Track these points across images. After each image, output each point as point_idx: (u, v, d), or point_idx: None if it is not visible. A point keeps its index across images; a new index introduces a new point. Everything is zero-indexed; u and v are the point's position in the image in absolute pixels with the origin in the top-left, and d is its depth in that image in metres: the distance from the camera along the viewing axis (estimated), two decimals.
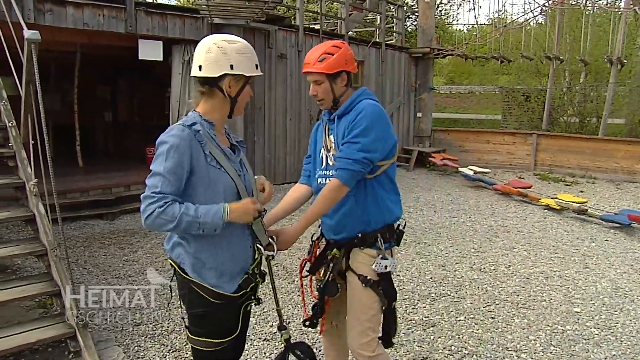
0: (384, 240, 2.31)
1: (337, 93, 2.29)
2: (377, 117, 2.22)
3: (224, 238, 1.92)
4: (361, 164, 2.17)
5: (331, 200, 2.21)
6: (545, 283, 4.99)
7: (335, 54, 2.25)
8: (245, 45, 1.97)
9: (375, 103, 2.29)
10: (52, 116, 11.40)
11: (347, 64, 2.28)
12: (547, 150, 12.47)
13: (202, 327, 1.96)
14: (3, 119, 4.18)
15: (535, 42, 16.59)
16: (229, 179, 1.92)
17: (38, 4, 6.51)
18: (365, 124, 2.18)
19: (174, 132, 1.83)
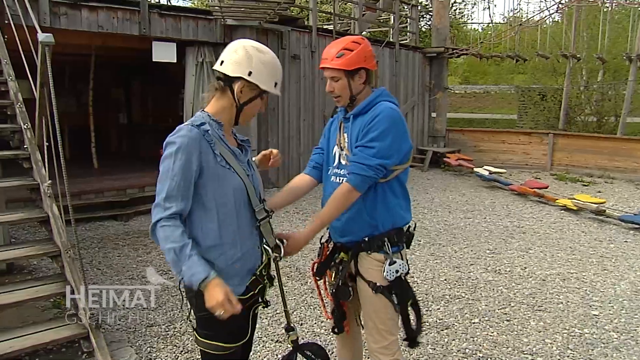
0: (392, 244, 2.25)
1: (354, 91, 2.23)
2: (395, 122, 2.16)
3: (235, 238, 1.90)
4: (375, 170, 2.12)
5: (342, 205, 2.17)
6: (562, 285, 4.90)
7: (355, 50, 2.17)
8: (273, 60, 1.95)
9: (394, 107, 2.22)
10: (68, 118, 11.57)
11: (366, 60, 2.20)
12: (564, 150, 12.28)
13: (211, 330, 1.93)
14: (19, 121, 4.22)
15: (552, 40, 16.37)
16: (238, 179, 1.91)
17: (54, 8, 6.59)
18: (382, 128, 2.12)
19: (183, 133, 1.82)
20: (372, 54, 2.25)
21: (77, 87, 11.64)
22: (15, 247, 3.87)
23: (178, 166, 1.78)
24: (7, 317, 3.93)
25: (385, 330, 2.29)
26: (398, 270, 2.22)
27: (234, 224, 1.90)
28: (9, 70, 4.56)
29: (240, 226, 1.92)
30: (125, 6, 7.30)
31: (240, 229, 1.91)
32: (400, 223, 2.29)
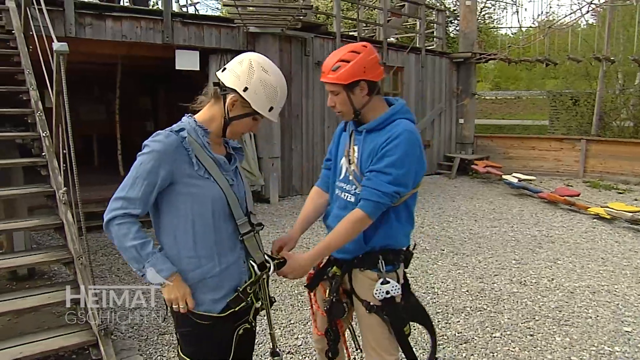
0: (386, 262, 2.12)
1: (357, 104, 2.06)
2: (413, 147, 2.02)
3: (212, 252, 1.82)
4: (390, 197, 1.99)
5: (352, 232, 2.03)
6: (591, 298, 4.66)
7: (352, 60, 1.99)
8: (276, 83, 1.83)
9: (412, 129, 2.06)
10: (96, 127, 11.89)
11: (366, 72, 2.01)
12: (598, 156, 11.84)
13: (191, 346, 1.86)
14: (38, 129, 4.28)
15: (584, 43, 15.88)
16: (218, 190, 1.81)
17: (79, 18, 6.74)
18: (399, 154, 1.98)
19: (159, 138, 1.76)
20: (374, 62, 2.05)
21: (105, 96, 11.89)
22: (31, 253, 3.92)
23: (145, 170, 1.72)
24: (24, 322, 4.00)
25: (383, 350, 2.18)
26: (389, 292, 2.09)
27: (211, 236, 1.81)
28: (31, 79, 4.65)
29: (220, 240, 1.82)
30: (149, 15, 7.43)
31: (220, 242, 1.82)
32: (397, 246, 2.17)
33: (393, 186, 1.97)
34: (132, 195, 1.72)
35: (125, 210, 1.71)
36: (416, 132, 2.07)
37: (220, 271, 1.83)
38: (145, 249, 1.72)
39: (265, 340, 3.70)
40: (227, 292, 1.85)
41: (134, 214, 1.72)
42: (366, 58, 2.02)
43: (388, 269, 2.13)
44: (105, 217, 1.73)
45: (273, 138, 8.85)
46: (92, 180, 9.11)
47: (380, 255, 2.12)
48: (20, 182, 4.66)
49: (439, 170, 12.81)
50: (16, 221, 3.98)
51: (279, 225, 7.30)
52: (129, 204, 1.71)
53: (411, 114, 2.15)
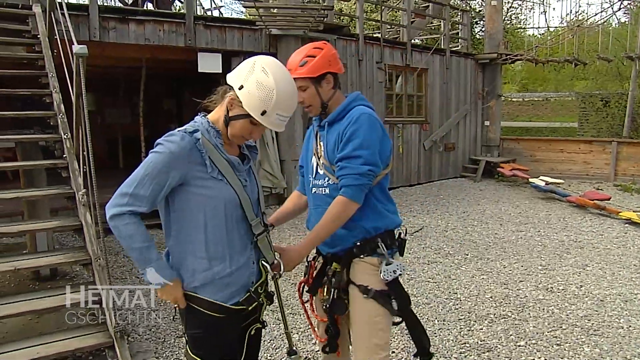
0: (386, 246, 2.14)
1: (324, 97, 2.16)
2: (374, 126, 2.09)
3: (224, 254, 1.79)
4: (367, 176, 2.04)
5: (340, 218, 2.06)
6: (622, 307, 4.46)
7: (317, 55, 2.11)
8: (275, 86, 1.72)
9: (370, 112, 2.13)
10: (121, 129, 12.09)
11: (331, 65, 2.14)
12: (630, 159, 11.45)
13: (201, 349, 1.83)
14: (60, 131, 4.33)
15: (616, 42, 15.43)
16: (231, 192, 1.78)
17: (103, 22, 6.83)
18: (362, 136, 2.05)
19: (173, 139, 1.73)
20: (336, 57, 2.18)
21: (130, 99, 12.08)
22: (51, 254, 3.96)
23: (156, 169, 1.69)
24: (45, 323, 4.03)
25: (377, 345, 2.12)
26: (396, 271, 2.10)
27: (223, 239, 1.78)
28: (54, 82, 4.72)
29: (232, 241, 1.79)
30: (171, 19, 7.50)
31: (232, 244, 1.80)
32: (391, 225, 2.20)
33: (367, 166, 2.03)
34: (140, 192, 1.69)
35: (131, 207, 1.68)
36: (374, 114, 2.14)
37: (230, 272, 1.80)
38: (151, 254, 1.71)
39: (283, 344, 3.65)
40: (235, 291, 1.83)
41: (140, 211, 1.70)
42: (329, 53, 2.14)
43: (389, 253, 2.15)
44: (109, 210, 1.70)
45: (295, 140, 8.80)
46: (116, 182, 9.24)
47: (378, 238, 2.13)
48: (44, 183, 4.72)
49: (463, 173, 12.60)
50: (37, 222, 4.03)
51: (300, 228, 7.24)
52: (135, 200, 1.68)
53: (367, 101, 2.23)
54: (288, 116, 1.81)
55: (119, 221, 1.68)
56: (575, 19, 20.89)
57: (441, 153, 12.10)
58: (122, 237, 1.70)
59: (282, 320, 2.06)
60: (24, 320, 3.98)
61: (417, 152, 11.45)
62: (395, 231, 2.22)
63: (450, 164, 12.47)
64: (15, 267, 3.42)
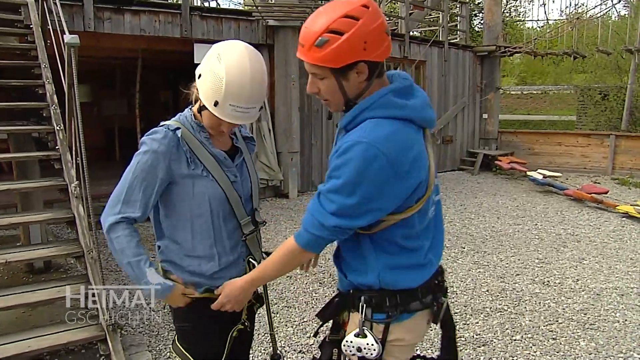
0: (375, 308, 1.52)
1: (350, 93, 1.44)
2: (369, 164, 1.35)
3: (212, 252, 1.75)
4: (331, 231, 1.44)
5: (286, 265, 1.58)
6: (619, 301, 4.45)
7: (347, 32, 1.33)
8: (224, 74, 1.55)
9: (377, 135, 1.37)
10: (118, 120, 12.02)
11: (367, 48, 1.35)
12: (628, 153, 11.43)
13: (186, 343, 1.82)
14: (52, 122, 4.28)
15: (615, 35, 15.36)
16: (217, 188, 1.72)
17: (98, 13, 6.75)
18: (346, 177, 1.37)
19: (156, 137, 1.67)
20: (379, 33, 1.37)
21: (127, 90, 12.00)
22: (44, 246, 3.92)
23: (144, 171, 1.64)
24: (38, 315, 3.99)
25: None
26: (361, 350, 1.50)
27: (210, 237, 1.73)
28: (47, 73, 4.65)
29: (220, 239, 1.75)
30: (167, 9, 7.43)
31: (220, 242, 1.75)
32: (390, 286, 1.52)
33: (335, 218, 1.41)
34: (132, 198, 1.63)
35: (124, 214, 1.62)
36: (388, 140, 1.37)
37: (219, 270, 1.76)
38: (140, 267, 1.62)
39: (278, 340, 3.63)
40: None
41: (133, 217, 1.64)
42: (368, 27, 1.34)
43: (377, 318, 1.52)
44: (105, 222, 1.64)
45: (292, 132, 8.76)
46: (112, 174, 9.20)
47: (365, 295, 1.52)
48: (37, 175, 4.67)
49: (461, 166, 12.58)
50: (29, 214, 3.99)
51: (297, 220, 7.21)
52: (128, 207, 1.63)
53: (397, 107, 1.43)
54: (247, 108, 1.61)
55: (113, 233, 1.62)
56: (574, 12, 20.83)
57: (439, 146, 12.06)
58: (113, 250, 1.65)
59: (268, 321, 1.98)
60: (17, 313, 3.94)
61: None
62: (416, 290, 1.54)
63: (448, 156, 12.44)
64: (6, 260, 3.38)
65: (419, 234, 1.53)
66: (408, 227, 1.49)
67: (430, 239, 1.58)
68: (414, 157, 1.41)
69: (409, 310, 1.53)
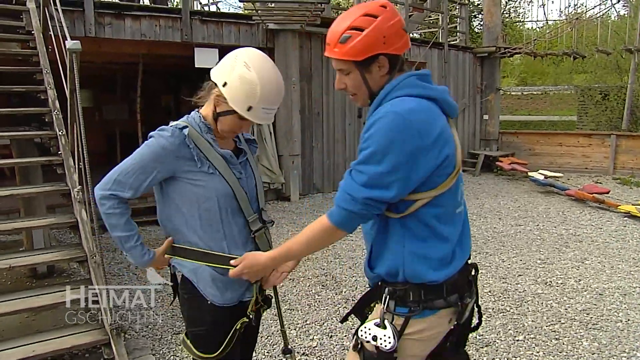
0: (398, 301, 1.54)
1: (374, 86, 1.57)
2: (398, 132, 1.42)
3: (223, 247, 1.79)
4: (363, 204, 1.46)
5: (316, 243, 1.60)
6: (621, 301, 4.45)
7: (367, 28, 1.48)
8: (258, 81, 1.66)
9: (404, 107, 1.46)
10: (119, 125, 12.04)
11: (386, 42, 1.50)
12: (629, 152, 11.43)
13: (199, 345, 1.85)
14: (55, 128, 4.30)
15: (615, 35, 15.38)
16: (225, 185, 1.77)
17: (99, 18, 6.79)
18: (376, 145, 1.43)
19: (164, 134, 1.75)
20: (397, 29, 1.52)
21: (128, 95, 12.03)
22: (47, 251, 3.94)
23: (144, 160, 1.73)
24: (42, 320, 4.00)
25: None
26: (376, 339, 1.52)
27: (220, 232, 1.78)
28: (49, 79, 4.68)
29: (230, 235, 1.79)
30: (168, 14, 7.46)
31: (230, 237, 1.79)
32: (414, 278, 1.52)
33: (366, 189, 1.44)
34: (124, 179, 1.73)
35: (114, 192, 1.73)
36: (415, 112, 1.46)
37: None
38: (129, 242, 1.78)
39: (279, 340, 3.64)
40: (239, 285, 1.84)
41: (123, 197, 1.74)
42: (386, 23, 1.50)
43: (400, 311, 1.53)
44: (96, 192, 1.76)
45: (293, 135, 8.78)
46: None
47: (389, 288, 1.55)
48: (39, 180, 4.69)
49: (462, 168, 12.54)
50: (33, 219, 4.01)
51: (299, 223, 7.22)
52: (118, 186, 1.73)
53: (422, 86, 1.55)
54: (274, 108, 1.77)
55: (103, 207, 1.75)
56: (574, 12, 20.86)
57: None
58: (106, 223, 1.77)
59: (279, 317, 2.04)
60: (20, 318, 3.95)
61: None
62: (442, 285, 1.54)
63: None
64: (10, 265, 3.39)
65: (452, 217, 1.56)
66: (441, 206, 1.53)
67: (460, 229, 1.61)
68: (440, 129, 1.50)
69: (432, 307, 1.54)
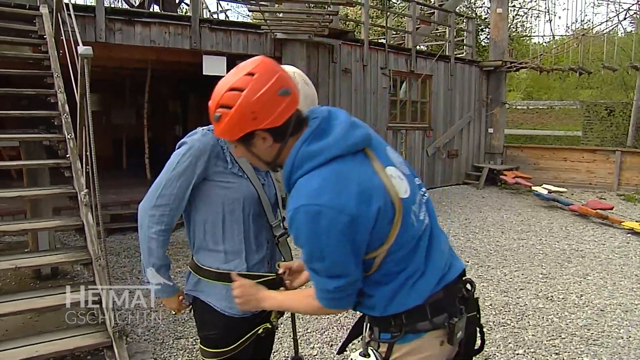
0: (381, 328, 1.51)
1: (266, 156, 1.44)
2: (318, 226, 1.31)
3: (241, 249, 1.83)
4: (340, 292, 1.41)
5: (308, 310, 1.65)
6: (623, 317, 4.44)
7: (234, 106, 1.32)
8: (314, 95, 1.77)
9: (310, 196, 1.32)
10: (126, 130, 12.14)
11: (257, 119, 1.33)
12: (634, 169, 11.42)
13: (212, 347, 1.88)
14: (63, 131, 4.36)
15: (621, 51, 15.41)
16: (252, 188, 1.82)
17: (109, 24, 6.88)
18: (308, 247, 1.37)
19: (196, 137, 1.78)
20: (267, 100, 1.32)
21: (136, 101, 12.13)
22: (53, 253, 3.98)
23: (183, 167, 1.74)
24: (46, 321, 4.04)
25: None
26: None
27: (240, 234, 1.82)
28: (59, 82, 4.75)
29: (247, 238, 1.83)
30: (177, 21, 7.54)
31: (247, 240, 1.83)
32: (399, 310, 1.47)
33: (330, 280, 1.39)
34: (168, 192, 1.73)
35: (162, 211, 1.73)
36: (319, 195, 1.31)
37: (246, 269, 1.83)
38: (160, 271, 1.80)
39: (281, 348, 3.66)
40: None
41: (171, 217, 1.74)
42: (252, 97, 1.31)
43: (383, 338, 1.50)
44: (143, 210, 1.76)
45: None
46: (119, 183, 9.29)
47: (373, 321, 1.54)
48: (47, 183, 4.74)
49: (466, 180, 12.60)
50: (39, 221, 4.05)
51: None
52: (164, 200, 1.73)
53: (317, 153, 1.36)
54: None
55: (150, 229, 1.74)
56: (580, 28, 20.92)
57: (444, 160, 12.11)
58: (143, 249, 1.78)
59: (292, 326, 2.07)
60: (24, 319, 3.99)
61: (420, 159, 11.47)
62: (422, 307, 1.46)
63: (453, 170, 12.47)
64: (16, 266, 3.44)
65: (414, 250, 1.45)
66: (400, 249, 1.42)
67: (425, 244, 1.48)
68: (357, 191, 1.33)
69: (415, 331, 1.46)
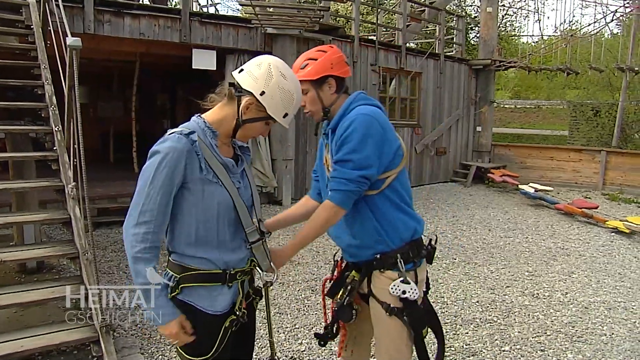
0: (406, 261, 2.05)
1: (326, 102, 2.09)
2: (369, 127, 1.96)
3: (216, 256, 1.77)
4: (356, 183, 1.94)
5: (324, 223, 2.02)
6: (606, 315, 4.51)
7: (319, 58, 2.07)
8: (293, 89, 1.82)
9: (369, 111, 2.01)
10: (114, 123, 12.01)
11: (333, 68, 2.07)
12: (618, 169, 11.59)
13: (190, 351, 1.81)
14: (51, 123, 4.30)
15: (608, 53, 15.60)
16: (226, 194, 1.75)
17: (98, 15, 6.79)
18: (356, 139, 1.94)
19: (168, 144, 1.67)
20: (340, 60, 2.11)
21: (123, 93, 12.01)
22: (39, 246, 3.93)
23: (160, 179, 1.65)
24: (31, 315, 3.99)
25: (398, 357, 2.09)
26: (405, 292, 2.01)
27: (214, 239, 1.76)
28: (46, 74, 4.68)
29: (222, 243, 1.77)
30: (167, 14, 7.47)
31: (222, 245, 1.77)
32: (408, 235, 2.08)
33: (356, 171, 1.93)
34: (150, 206, 1.64)
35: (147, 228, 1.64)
36: (375, 113, 2.02)
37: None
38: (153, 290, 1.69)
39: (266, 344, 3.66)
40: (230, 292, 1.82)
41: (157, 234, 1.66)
42: (332, 56, 2.09)
43: (407, 268, 2.05)
44: (128, 230, 1.66)
45: (287, 140, 8.81)
46: (106, 176, 9.19)
47: (398, 254, 2.04)
48: (33, 175, 4.67)
49: (454, 178, 12.68)
50: (25, 214, 4.00)
51: (290, 227, 7.22)
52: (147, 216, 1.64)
53: (370, 99, 2.14)
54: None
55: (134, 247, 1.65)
56: (568, 29, 21.13)
57: (432, 157, 12.17)
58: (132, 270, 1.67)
59: (268, 328, 2.03)
60: (8, 313, 3.94)
61: (408, 156, 11.52)
62: (417, 240, 2.12)
63: (441, 168, 12.55)
64: (1, 259, 3.39)
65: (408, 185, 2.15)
66: (401, 181, 2.08)
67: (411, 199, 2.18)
68: (391, 126, 2.08)
69: (422, 256, 2.13)
